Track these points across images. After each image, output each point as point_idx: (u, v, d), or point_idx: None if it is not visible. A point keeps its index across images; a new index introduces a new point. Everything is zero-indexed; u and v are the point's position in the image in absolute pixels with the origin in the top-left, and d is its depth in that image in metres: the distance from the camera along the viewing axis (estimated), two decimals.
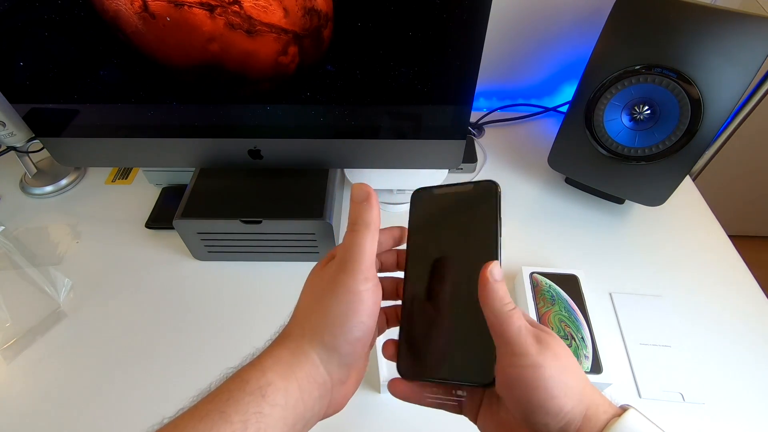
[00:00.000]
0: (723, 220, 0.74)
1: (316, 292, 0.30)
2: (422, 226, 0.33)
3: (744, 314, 0.63)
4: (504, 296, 0.28)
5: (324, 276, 0.30)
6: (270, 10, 0.47)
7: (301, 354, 0.28)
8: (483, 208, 0.32)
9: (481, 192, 0.33)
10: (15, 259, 0.67)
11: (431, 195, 0.34)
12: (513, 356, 0.27)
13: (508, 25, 0.82)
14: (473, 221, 0.32)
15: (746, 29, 0.54)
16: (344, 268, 0.28)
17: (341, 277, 0.28)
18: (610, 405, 0.28)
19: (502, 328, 0.27)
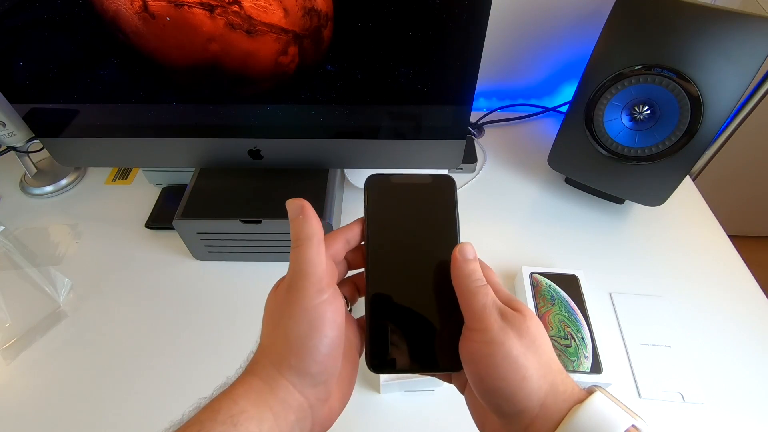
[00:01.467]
0: (723, 220, 0.74)
1: (274, 316, 0.28)
2: (380, 216, 0.33)
3: (744, 314, 0.63)
4: (472, 273, 0.28)
5: (278, 298, 0.28)
6: (270, 10, 0.47)
7: (272, 380, 0.27)
8: (441, 201, 0.33)
9: (438, 185, 0.33)
10: (15, 259, 0.67)
11: (388, 183, 0.34)
12: (476, 331, 0.27)
13: (508, 25, 0.82)
14: (432, 214, 0.33)
15: (746, 29, 0.54)
16: (294, 286, 0.27)
17: (293, 297, 0.27)
18: (573, 390, 0.27)
19: (468, 303, 0.28)
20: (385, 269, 0.32)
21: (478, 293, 0.28)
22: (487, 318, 0.27)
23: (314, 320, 0.27)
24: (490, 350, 0.26)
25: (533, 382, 0.26)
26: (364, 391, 0.55)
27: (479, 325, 0.27)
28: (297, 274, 0.27)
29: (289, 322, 0.27)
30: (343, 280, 0.33)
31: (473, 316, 0.27)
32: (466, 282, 0.28)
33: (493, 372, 0.26)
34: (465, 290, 0.28)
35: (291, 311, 0.27)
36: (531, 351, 0.26)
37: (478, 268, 0.29)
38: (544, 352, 0.27)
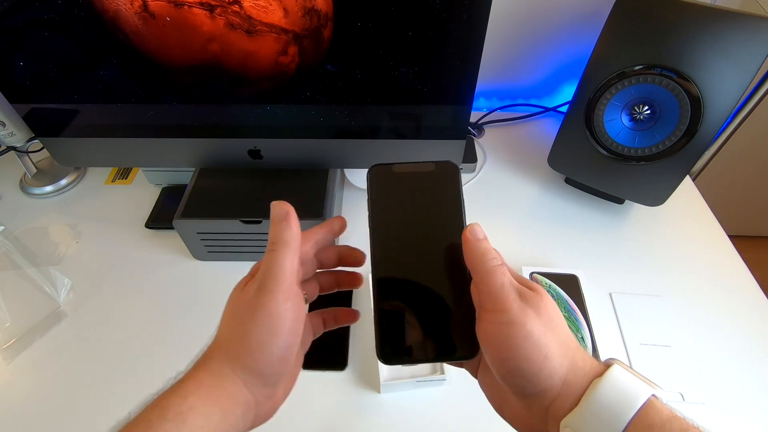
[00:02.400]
0: (723, 220, 0.74)
1: (237, 314, 0.28)
2: (384, 205, 0.33)
3: (744, 314, 0.63)
4: (487, 252, 0.28)
5: (244, 297, 0.28)
6: (270, 10, 0.47)
7: (223, 377, 0.27)
8: (445, 187, 0.32)
9: (442, 171, 0.33)
10: (15, 259, 0.67)
11: (390, 172, 0.34)
12: (494, 312, 0.26)
13: (508, 25, 0.82)
14: (437, 200, 0.32)
15: (746, 29, 0.54)
16: (264, 289, 0.27)
17: (261, 300, 0.27)
18: (592, 365, 0.27)
19: (483, 283, 0.27)
20: (391, 258, 0.32)
21: (496, 273, 0.27)
22: (505, 298, 0.26)
23: (276, 326, 0.27)
24: (510, 331, 0.25)
25: (554, 361, 0.26)
26: (364, 392, 0.55)
27: (498, 305, 0.26)
28: (268, 277, 0.28)
29: (251, 324, 0.27)
30: (308, 279, 0.34)
31: (491, 296, 0.27)
32: (481, 261, 0.28)
33: (515, 353, 0.25)
34: (481, 270, 0.27)
35: (255, 314, 0.27)
36: (550, 330, 0.26)
37: (491, 248, 0.28)
38: (562, 330, 0.27)
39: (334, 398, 0.55)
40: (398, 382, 0.53)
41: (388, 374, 0.54)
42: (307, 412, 0.54)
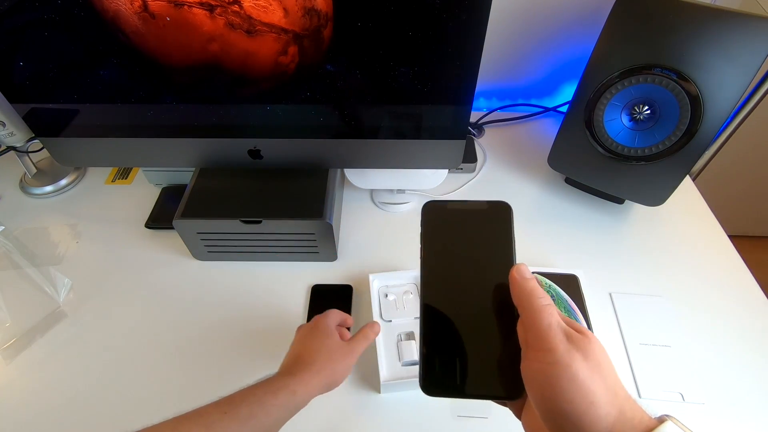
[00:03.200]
0: (723, 220, 0.74)
1: (333, 356, 0.46)
2: (436, 241, 0.34)
3: (744, 314, 0.63)
4: (535, 291, 0.28)
5: (336, 347, 0.47)
6: (270, 10, 0.47)
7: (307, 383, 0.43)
8: (497, 226, 0.33)
9: (494, 211, 0.34)
10: (15, 259, 0.67)
11: (443, 209, 0.35)
12: (540, 351, 0.26)
13: (508, 25, 0.82)
14: (489, 239, 0.33)
15: (746, 29, 0.54)
16: (354, 352, 0.48)
17: (348, 360, 0.47)
18: (642, 418, 0.26)
19: (530, 322, 0.27)
20: (440, 294, 0.32)
21: (543, 312, 0.27)
22: (552, 338, 0.26)
23: (350, 371, 0.48)
24: (555, 371, 0.25)
25: (601, 409, 0.25)
26: (364, 392, 0.55)
27: (544, 345, 0.26)
28: (357, 349, 0.48)
29: (339, 368, 0.46)
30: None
31: (538, 335, 0.27)
32: (529, 300, 0.28)
33: (559, 394, 0.25)
34: (529, 308, 0.28)
35: (343, 363, 0.46)
36: (597, 374, 0.25)
37: (539, 287, 0.29)
38: (609, 376, 0.26)
39: (334, 398, 0.55)
40: (398, 382, 0.53)
41: (388, 374, 0.54)
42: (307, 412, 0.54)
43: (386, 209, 0.77)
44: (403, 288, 0.63)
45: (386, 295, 0.62)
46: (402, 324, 0.59)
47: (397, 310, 0.60)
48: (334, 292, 0.65)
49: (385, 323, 0.59)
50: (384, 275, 0.63)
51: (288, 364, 0.46)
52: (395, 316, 0.60)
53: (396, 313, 0.60)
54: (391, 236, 0.73)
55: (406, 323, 0.59)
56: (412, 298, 0.62)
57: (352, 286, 0.65)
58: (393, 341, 0.58)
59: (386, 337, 0.58)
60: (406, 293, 0.62)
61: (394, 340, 0.58)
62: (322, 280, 0.66)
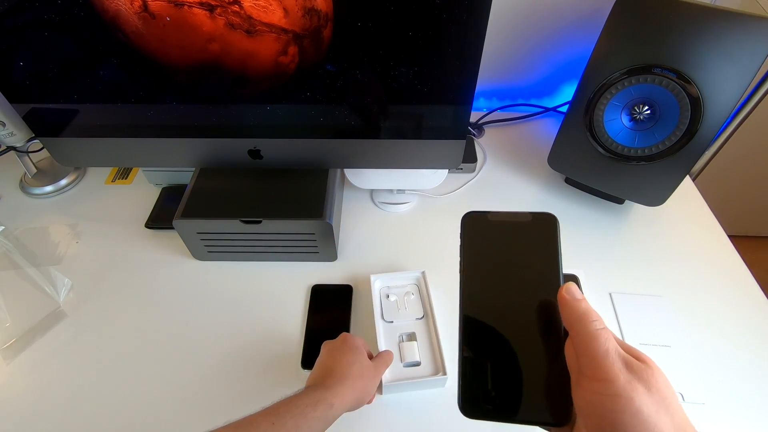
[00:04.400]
0: (723, 220, 0.74)
1: (364, 376, 0.47)
2: (477, 254, 0.32)
3: (744, 314, 0.63)
4: (590, 313, 0.26)
5: (367, 365, 0.48)
6: (270, 10, 0.47)
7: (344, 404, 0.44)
8: (543, 240, 0.31)
9: (539, 223, 0.32)
10: (15, 259, 0.67)
11: (485, 221, 0.33)
12: (597, 381, 0.24)
13: (508, 25, 0.82)
14: (533, 253, 0.31)
15: (746, 29, 0.54)
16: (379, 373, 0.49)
17: (375, 381, 0.49)
18: None
19: (585, 347, 0.25)
20: (480, 311, 0.30)
21: (599, 337, 0.25)
22: (610, 367, 0.24)
23: (373, 391, 0.49)
24: (616, 405, 0.23)
25: None
26: None
27: (601, 374, 0.24)
28: (378, 373, 0.49)
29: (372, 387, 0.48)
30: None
31: (594, 363, 0.24)
32: (583, 324, 0.26)
33: (620, 430, 0.23)
34: (583, 332, 0.25)
35: (374, 381, 0.48)
36: (663, 409, 0.23)
37: (592, 309, 0.26)
38: (676, 411, 0.24)
39: None
40: (399, 383, 0.53)
41: (389, 375, 0.54)
42: None
43: (386, 209, 0.77)
44: (405, 289, 0.63)
45: (387, 296, 0.62)
46: (403, 325, 0.59)
47: (399, 311, 0.60)
48: (334, 292, 0.65)
49: (386, 324, 0.59)
50: (385, 276, 0.63)
51: (320, 377, 0.45)
52: (396, 317, 0.60)
53: (397, 314, 0.60)
54: (391, 236, 0.73)
55: (408, 324, 0.59)
56: (413, 299, 0.61)
57: (352, 286, 0.65)
58: (394, 342, 0.58)
59: (387, 338, 0.58)
60: (408, 294, 0.62)
61: (396, 341, 0.58)
62: (322, 280, 0.66)
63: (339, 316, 0.62)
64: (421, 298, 0.62)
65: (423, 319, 0.60)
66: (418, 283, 0.63)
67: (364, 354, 0.49)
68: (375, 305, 0.61)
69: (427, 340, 0.58)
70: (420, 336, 0.58)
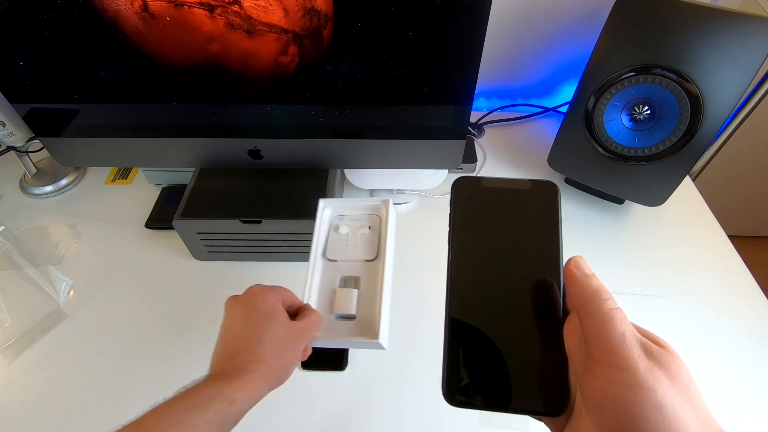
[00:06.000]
0: (723, 220, 0.74)
1: (282, 342, 0.37)
2: (468, 224, 0.29)
3: (744, 314, 0.63)
4: (602, 291, 0.23)
5: (285, 329, 0.38)
6: (270, 10, 0.47)
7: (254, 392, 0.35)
8: (541, 210, 0.28)
9: (538, 192, 0.29)
10: (15, 259, 0.67)
11: (479, 187, 0.29)
12: (612, 369, 0.21)
13: (508, 25, 0.82)
14: (531, 224, 0.28)
15: (746, 29, 0.54)
16: (306, 334, 0.40)
17: (300, 345, 0.39)
18: None
19: (598, 330, 0.22)
20: (470, 287, 0.27)
21: (614, 318, 0.22)
22: (628, 353, 0.21)
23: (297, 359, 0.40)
24: (636, 398, 0.20)
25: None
26: (364, 391, 0.55)
27: (617, 361, 0.21)
28: (305, 334, 0.40)
29: (295, 356, 0.39)
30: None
31: (608, 348, 0.21)
32: (595, 303, 0.23)
33: (640, 426, 0.20)
34: (596, 313, 0.22)
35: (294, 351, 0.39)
36: (687, 402, 0.20)
37: (604, 287, 0.24)
38: (700, 404, 0.21)
39: (334, 398, 0.55)
40: (324, 339, 0.43)
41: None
42: (307, 411, 0.54)
43: None
44: (361, 221, 0.50)
45: (338, 228, 0.49)
46: (348, 267, 0.47)
47: (347, 247, 0.48)
48: None
49: (328, 263, 0.48)
50: (338, 201, 0.52)
51: (221, 360, 0.37)
52: (342, 255, 0.48)
53: (344, 252, 0.48)
54: None
55: (353, 267, 0.47)
56: (368, 235, 0.49)
57: None
58: (330, 287, 0.46)
59: (325, 281, 0.46)
60: (363, 227, 0.49)
61: (333, 286, 0.46)
62: None
63: None
64: (379, 235, 0.49)
65: (374, 261, 0.47)
66: (379, 214, 0.50)
67: (281, 315, 0.38)
68: (318, 237, 0.49)
69: (370, 289, 0.45)
70: (365, 283, 0.46)
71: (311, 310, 0.42)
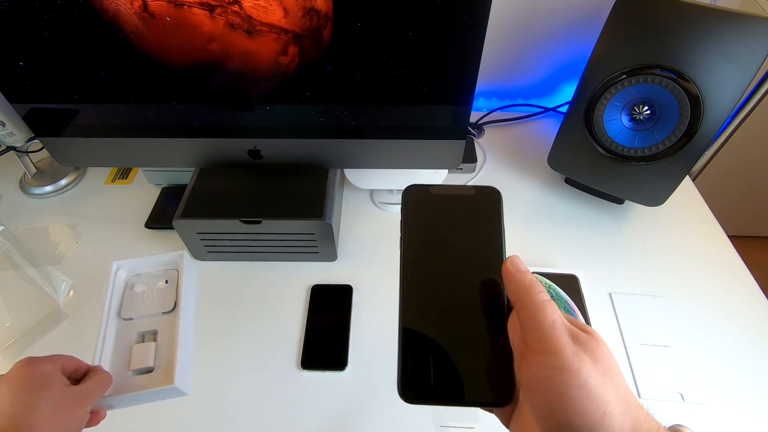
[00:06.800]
0: (723, 220, 0.74)
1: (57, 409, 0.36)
2: (418, 229, 0.31)
3: (744, 314, 0.63)
4: (535, 285, 0.26)
5: (62, 395, 0.37)
6: (270, 10, 0.47)
7: None
8: (486, 214, 0.30)
9: (482, 197, 0.31)
10: (15, 259, 0.67)
11: (427, 195, 0.32)
12: (543, 354, 0.23)
13: (508, 25, 0.82)
14: (476, 228, 0.30)
15: (746, 29, 0.54)
16: (87, 400, 0.39)
17: (84, 408, 0.38)
18: (659, 429, 0.24)
19: (532, 320, 0.24)
20: (421, 288, 0.29)
21: (546, 309, 0.24)
22: (557, 339, 0.23)
23: (82, 423, 0.39)
24: (563, 378, 0.22)
25: (615, 420, 0.22)
26: (364, 391, 0.55)
27: (548, 347, 0.23)
28: (88, 397, 0.40)
29: (71, 421, 0.37)
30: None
31: (540, 336, 0.24)
32: (528, 296, 0.25)
33: (567, 405, 0.22)
34: (529, 304, 0.25)
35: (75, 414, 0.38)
36: (609, 381, 0.23)
37: (537, 282, 0.26)
38: (620, 383, 0.24)
39: (334, 398, 0.55)
40: (119, 397, 0.44)
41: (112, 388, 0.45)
42: (307, 411, 0.54)
43: (386, 209, 0.77)
44: (157, 277, 0.51)
45: (133, 287, 0.51)
46: (144, 323, 0.48)
47: (144, 303, 0.49)
48: (333, 292, 0.65)
49: (124, 322, 0.49)
50: (133, 262, 0.52)
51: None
52: (139, 312, 0.49)
53: (141, 309, 0.49)
54: (391, 236, 0.72)
55: (150, 321, 0.48)
56: (165, 287, 0.50)
57: (351, 286, 0.65)
58: (127, 344, 0.47)
59: (119, 337, 0.48)
60: (160, 281, 0.51)
61: (130, 342, 0.47)
62: (322, 280, 0.66)
63: (339, 316, 0.62)
64: (177, 287, 0.50)
65: (172, 312, 0.49)
66: (176, 267, 0.52)
67: (57, 382, 0.38)
68: (109, 299, 0.49)
69: (169, 340, 0.47)
70: (163, 335, 0.47)
71: (98, 370, 0.42)
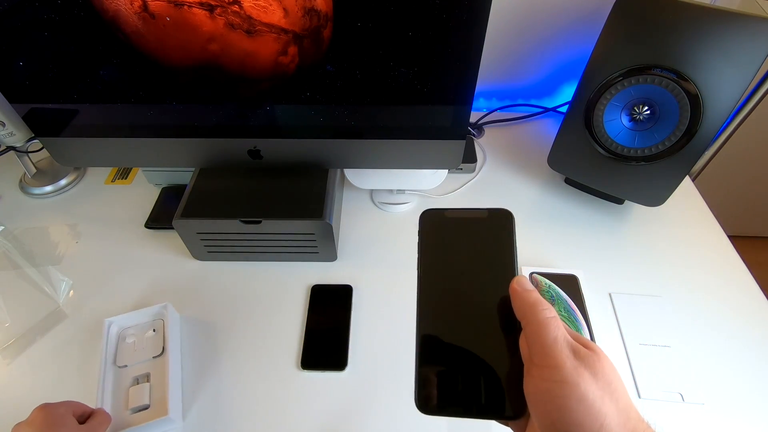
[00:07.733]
0: (723, 220, 0.74)
1: None
2: (434, 251, 0.33)
3: (744, 314, 0.63)
4: (539, 302, 0.27)
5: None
6: (270, 10, 0.47)
7: None
8: (498, 236, 0.32)
9: (495, 219, 0.33)
10: (15, 259, 0.67)
11: (442, 218, 0.34)
12: (545, 368, 0.25)
13: (508, 25, 0.82)
14: (489, 249, 0.32)
15: (746, 29, 0.54)
16: None
17: None
18: None
19: (535, 335, 0.26)
20: (437, 306, 0.31)
21: (549, 325, 0.26)
22: (558, 353, 0.25)
23: None
24: (562, 391, 0.24)
25: (613, 428, 0.23)
26: (364, 391, 0.55)
27: (549, 361, 0.25)
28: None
29: None
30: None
31: (543, 350, 0.25)
32: (533, 312, 0.26)
33: (566, 416, 0.23)
34: (533, 321, 0.26)
35: None
36: (608, 395, 0.24)
37: (542, 299, 0.27)
38: (621, 397, 0.25)
39: (334, 398, 0.55)
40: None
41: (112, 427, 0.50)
42: (306, 412, 0.54)
43: (386, 209, 0.77)
44: (145, 328, 0.58)
45: (125, 338, 0.57)
46: (138, 368, 0.55)
47: (136, 351, 0.56)
48: (333, 293, 0.65)
49: (119, 370, 0.55)
50: (123, 317, 0.58)
51: None
52: (132, 359, 0.56)
53: (133, 356, 0.56)
54: (390, 236, 0.73)
55: (143, 366, 0.55)
56: (153, 336, 0.57)
57: (351, 286, 0.65)
58: (125, 387, 0.54)
59: (116, 383, 0.54)
60: (148, 331, 0.58)
61: (127, 386, 0.54)
62: (322, 281, 0.66)
63: (339, 316, 0.62)
64: (164, 334, 0.57)
65: (161, 356, 0.56)
66: (162, 317, 0.59)
67: (70, 424, 0.44)
68: (105, 351, 0.55)
69: (161, 379, 0.54)
70: (155, 376, 0.54)
71: (100, 412, 0.48)
